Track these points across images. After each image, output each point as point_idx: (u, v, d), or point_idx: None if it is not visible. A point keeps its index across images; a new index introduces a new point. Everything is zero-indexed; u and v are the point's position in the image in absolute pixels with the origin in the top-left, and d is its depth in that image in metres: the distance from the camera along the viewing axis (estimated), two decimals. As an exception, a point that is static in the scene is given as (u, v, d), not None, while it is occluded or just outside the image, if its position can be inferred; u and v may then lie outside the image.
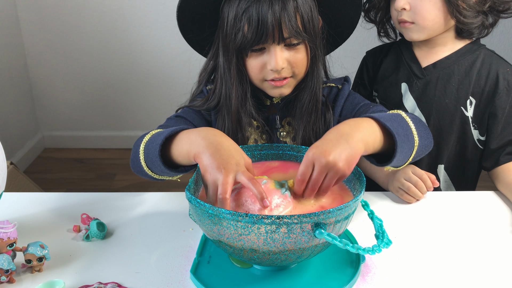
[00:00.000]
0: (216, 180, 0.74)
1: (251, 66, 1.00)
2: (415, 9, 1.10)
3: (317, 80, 1.04)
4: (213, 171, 0.74)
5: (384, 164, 0.85)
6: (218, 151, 0.76)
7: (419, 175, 1.03)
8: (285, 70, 0.99)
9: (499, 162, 1.15)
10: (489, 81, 1.15)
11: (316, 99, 1.04)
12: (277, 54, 0.96)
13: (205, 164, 0.76)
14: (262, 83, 1.02)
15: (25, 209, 1.02)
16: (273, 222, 0.67)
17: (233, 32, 0.97)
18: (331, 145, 0.75)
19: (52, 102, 2.85)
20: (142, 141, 0.91)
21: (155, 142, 0.87)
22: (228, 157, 0.76)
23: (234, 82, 1.01)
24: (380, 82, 1.26)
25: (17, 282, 0.80)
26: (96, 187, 2.51)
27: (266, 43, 0.96)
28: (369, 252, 0.69)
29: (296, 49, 0.98)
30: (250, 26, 0.94)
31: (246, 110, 1.04)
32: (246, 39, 0.95)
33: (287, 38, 0.95)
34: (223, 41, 1.01)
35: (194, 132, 0.83)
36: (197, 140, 0.80)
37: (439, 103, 1.18)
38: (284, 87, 1.02)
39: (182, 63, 2.63)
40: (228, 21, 0.98)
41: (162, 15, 2.59)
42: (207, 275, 0.80)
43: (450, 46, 1.18)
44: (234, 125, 1.04)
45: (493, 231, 0.94)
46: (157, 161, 0.86)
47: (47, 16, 2.64)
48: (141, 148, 0.90)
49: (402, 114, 0.89)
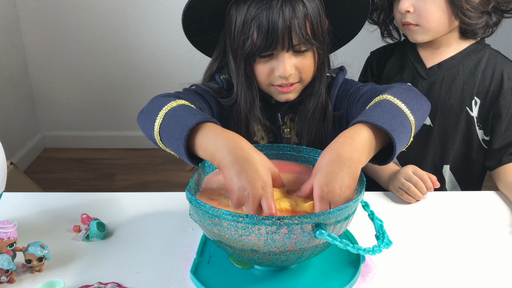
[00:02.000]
0: (241, 202, 0.73)
1: (259, 71, 1.00)
2: (419, 12, 1.10)
3: (324, 86, 1.04)
4: (239, 192, 0.72)
5: (385, 162, 0.83)
6: (244, 170, 0.72)
7: (419, 176, 1.03)
8: (292, 76, 0.99)
9: (502, 162, 1.15)
10: (494, 81, 1.15)
11: (322, 106, 1.05)
12: (286, 60, 0.96)
13: (230, 182, 0.73)
14: (269, 88, 1.03)
15: (25, 209, 1.02)
16: (274, 223, 0.67)
17: (241, 39, 0.96)
18: (339, 179, 0.72)
19: (52, 102, 2.85)
20: (167, 105, 0.85)
21: (181, 120, 0.81)
22: (254, 179, 0.72)
23: (243, 89, 1.01)
24: (384, 83, 1.26)
25: (17, 282, 0.80)
26: (96, 187, 2.50)
27: (275, 50, 0.96)
28: (370, 252, 0.69)
29: (304, 55, 0.98)
30: (260, 33, 0.93)
31: (255, 115, 1.04)
32: (255, 46, 0.95)
33: (296, 45, 0.95)
34: (230, 46, 1.00)
35: (222, 137, 0.77)
36: (223, 150, 0.75)
37: (444, 104, 1.18)
38: (291, 93, 1.02)
39: (182, 63, 2.63)
40: (236, 26, 0.97)
41: (162, 15, 2.59)
42: (207, 275, 0.80)
43: (455, 46, 1.18)
44: (243, 130, 1.05)
45: (493, 231, 0.94)
46: (180, 146, 0.79)
47: (47, 16, 2.64)
48: (162, 112, 0.84)
49: (390, 99, 0.86)
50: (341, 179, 0.73)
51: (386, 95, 0.87)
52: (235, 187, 0.73)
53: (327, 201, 0.72)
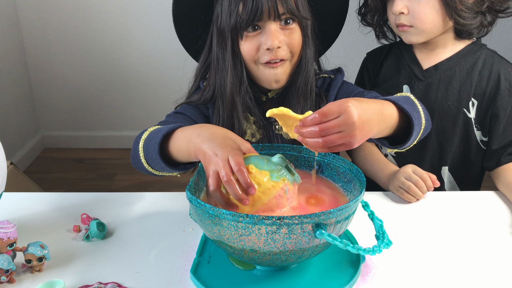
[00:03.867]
0: (216, 168, 0.74)
1: (246, 48, 1.00)
2: (413, 13, 1.09)
3: (309, 62, 1.05)
4: (212, 161, 0.75)
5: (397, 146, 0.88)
6: (212, 141, 0.77)
7: (419, 175, 1.03)
8: (281, 51, 0.99)
9: (501, 162, 1.15)
10: (490, 82, 1.15)
11: (311, 83, 1.05)
12: (273, 32, 0.97)
13: (204, 158, 0.77)
14: (258, 67, 1.02)
15: (25, 209, 1.02)
16: (274, 223, 0.67)
17: (228, 16, 0.98)
18: (368, 114, 0.74)
19: (52, 102, 2.85)
20: (141, 139, 0.92)
21: (153, 140, 0.88)
22: (221, 145, 0.76)
23: (229, 67, 1.02)
24: (381, 85, 1.26)
25: (17, 282, 0.80)
26: (96, 187, 2.51)
27: (261, 21, 0.97)
28: (370, 252, 0.69)
29: (290, 29, 1.00)
30: (245, 5, 0.96)
31: (241, 97, 1.04)
32: (241, 18, 0.96)
33: (282, 14, 0.96)
34: (217, 31, 1.02)
35: (189, 130, 0.83)
36: (193, 139, 0.81)
37: (441, 105, 1.18)
38: (279, 68, 1.01)
39: (181, 63, 2.62)
40: (222, 10, 0.99)
41: (162, 15, 2.59)
42: (207, 275, 0.80)
43: (451, 47, 1.18)
44: (228, 112, 1.04)
45: (493, 231, 0.94)
46: (157, 159, 0.87)
47: (47, 16, 2.64)
48: (140, 146, 0.92)
49: (411, 97, 0.92)
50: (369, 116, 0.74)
51: (409, 94, 0.94)
52: (208, 159, 0.75)
53: (338, 111, 0.70)
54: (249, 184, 0.71)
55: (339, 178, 0.86)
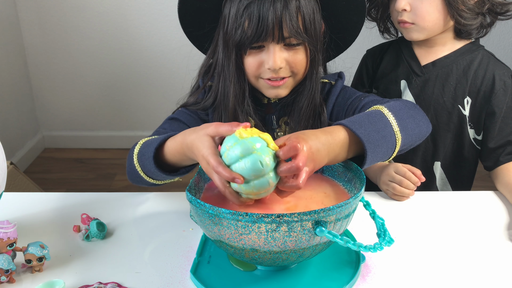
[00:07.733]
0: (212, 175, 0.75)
1: (249, 63, 1.00)
2: (415, 11, 1.12)
3: (316, 84, 1.03)
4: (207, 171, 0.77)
5: None
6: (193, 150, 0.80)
7: (402, 173, 1.03)
8: (283, 70, 0.98)
9: (499, 162, 1.16)
10: (485, 82, 1.17)
11: (315, 103, 1.04)
12: (276, 53, 0.96)
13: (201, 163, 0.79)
14: (258, 81, 1.02)
15: (25, 209, 1.02)
16: (273, 221, 0.67)
17: (233, 28, 0.97)
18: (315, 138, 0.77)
19: (52, 102, 2.85)
20: (134, 153, 0.95)
21: (146, 154, 0.90)
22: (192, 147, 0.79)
23: (233, 80, 1.01)
24: (380, 79, 1.28)
25: (17, 282, 0.80)
26: (96, 187, 2.50)
27: (266, 41, 0.95)
28: (371, 249, 0.68)
29: (295, 50, 0.98)
30: (250, 22, 0.94)
31: (244, 108, 1.03)
32: (246, 35, 0.95)
33: (287, 37, 0.95)
34: (223, 37, 1.00)
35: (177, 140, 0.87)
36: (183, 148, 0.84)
37: (437, 101, 1.20)
38: (281, 88, 1.01)
39: (182, 63, 2.63)
40: (229, 17, 0.98)
41: (162, 15, 2.59)
42: (207, 275, 0.80)
43: (449, 46, 1.20)
44: (230, 121, 1.03)
45: (493, 231, 0.94)
46: (156, 172, 0.90)
47: (47, 16, 2.64)
48: (135, 161, 0.94)
49: (383, 111, 0.88)
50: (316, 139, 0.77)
51: (382, 107, 0.90)
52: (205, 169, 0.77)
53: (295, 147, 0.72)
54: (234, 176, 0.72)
55: (339, 177, 0.86)
